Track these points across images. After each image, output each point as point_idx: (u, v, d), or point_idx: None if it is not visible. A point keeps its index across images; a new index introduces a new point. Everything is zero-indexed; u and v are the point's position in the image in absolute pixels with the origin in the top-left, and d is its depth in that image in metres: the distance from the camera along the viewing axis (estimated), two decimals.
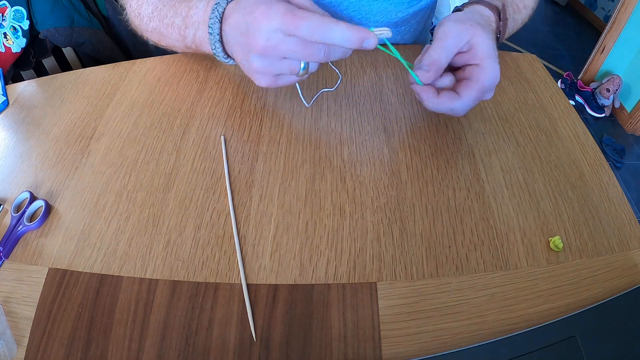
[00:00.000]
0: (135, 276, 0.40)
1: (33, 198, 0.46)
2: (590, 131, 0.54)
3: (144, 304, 0.38)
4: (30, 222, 0.43)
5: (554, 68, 2.49)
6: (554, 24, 2.93)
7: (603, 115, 2.12)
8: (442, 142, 0.52)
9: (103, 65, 0.63)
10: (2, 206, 0.46)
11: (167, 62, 0.63)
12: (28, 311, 0.38)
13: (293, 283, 0.40)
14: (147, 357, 0.35)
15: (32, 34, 0.89)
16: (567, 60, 2.56)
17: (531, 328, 0.36)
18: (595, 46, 2.22)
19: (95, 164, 0.49)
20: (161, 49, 0.61)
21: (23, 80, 0.87)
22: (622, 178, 1.85)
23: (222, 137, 0.52)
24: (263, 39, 0.39)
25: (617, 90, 2.07)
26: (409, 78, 0.46)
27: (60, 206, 0.46)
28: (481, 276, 0.40)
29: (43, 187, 0.47)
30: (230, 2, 0.44)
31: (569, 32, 2.85)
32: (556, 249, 0.42)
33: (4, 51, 0.84)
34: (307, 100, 0.56)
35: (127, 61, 0.63)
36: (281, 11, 0.38)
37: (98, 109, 0.56)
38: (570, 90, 2.22)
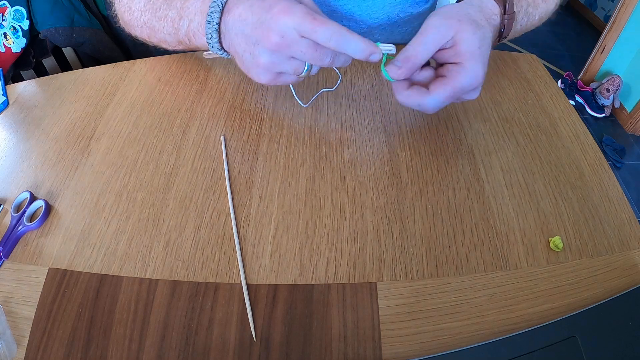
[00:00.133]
0: (135, 276, 0.40)
1: (33, 198, 0.46)
2: (590, 131, 0.54)
3: (144, 304, 0.38)
4: (30, 222, 0.43)
5: (554, 68, 2.49)
6: (554, 24, 2.92)
7: (603, 115, 2.12)
8: (442, 142, 0.52)
9: (103, 65, 0.63)
10: (2, 206, 0.46)
11: (167, 62, 0.63)
12: (28, 311, 0.38)
13: (293, 283, 0.40)
14: (147, 357, 0.35)
15: (32, 34, 0.89)
16: (567, 60, 2.56)
17: (531, 328, 0.36)
18: (595, 46, 2.22)
19: (95, 164, 0.49)
20: (161, 49, 0.61)
21: (23, 80, 0.87)
22: (622, 178, 1.85)
23: (222, 137, 0.52)
24: (278, 36, 0.38)
25: (617, 90, 2.07)
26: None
27: (60, 206, 0.46)
28: (481, 276, 0.40)
29: (43, 187, 0.47)
30: None
31: (569, 32, 2.85)
32: (556, 249, 0.42)
33: (4, 51, 0.84)
34: (304, 100, 0.56)
35: (127, 61, 0.63)
36: (302, 11, 0.38)
37: (98, 109, 0.56)
38: (570, 90, 2.22)
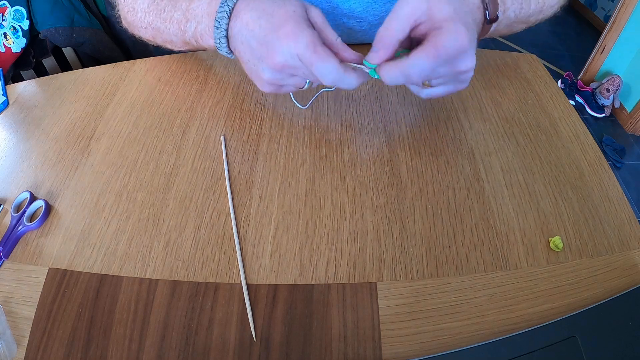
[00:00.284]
0: (135, 276, 0.40)
1: (33, 198, 0.46)
2: (590, 131, 0.54)
3: (144, 304, 0.38)
4: (30, 222, 0.43)
5: (554, 68, 2.49)
6: (554, 24, 2.93)
7: (603, 115, 2.12)
8: (442, 142, 0.52)
9: (103, 65, 0.63)
10: (2, 206, 0.46)
11: (167, 62, 0.63)
12: (28, 311, 0.38)
13: (293, 283, 0.40)
14: (147, 357, 0.35)
15: (32, 34, 0.89)
16: (567, 60, 2.56)
17: (531, 328, 0.36)
18: (595, 46, 2.22)
19: (95, 164, 0.49)
20: (162, 49, 0.61)
21: (23, 80, 0.87)
22: (622, 178, 1.85)
23: (222, 137, 0.52)
24: (282, 59, 0.39)
25: (617, 90, 2.07)
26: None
27: (60, 206, 0.46)
28: (481, 276, 0.40)
29: (43, 187, 0.47)
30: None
31: (569, 32, 2.85)
32: (556, 249, 0.42)
33: (4, 51, 0.84)
34: (304, 100, 0.56)
35: (127, 61, 0.63)
36: (307, 40, 0.38)
37: (98, 109, 0.56)
38: (570, 90, 2.22)
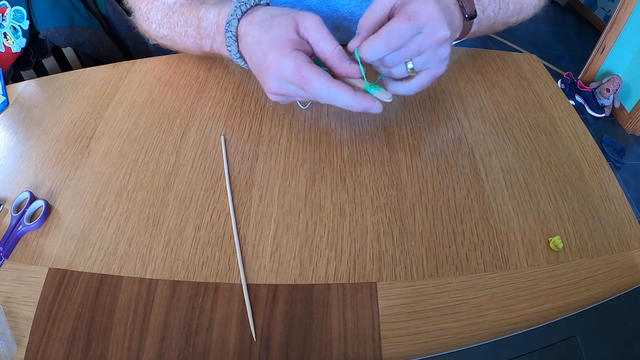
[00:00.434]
0: (135, 276, 0.40)
1: (33, 198, 0.46)
2: (590, 131, 0.54)
3: (144, 304, 0.38)
4: (30, 222, 0.43)
5: (554, 68, 2.49)
6: (554, 24, 2.93)
7: (603, 115, 2.12)
8: (442, 142, 0.52)
9: (103, 65, 0.63)
10: (2, 206, 0.46)
11: (167, 62, 0.63)
12: (28, 311, 0.38)
13: (293, 283, 0.40)
14: (147, 357, 0.35)
15: (32, 34, 0.89)
16: (567, 60, 2.56)
17: (531, 328, 0.36)
18: (595, 46, 2.22)
19: (95, 164, 0.49)
20: (161, 49, 0.61)
21: (23, 80, 0.87)
22: (622, 178, 1.85)
23: (222, 137, 0.52)
24: (275, 85, 0.42)
25: (617, 90, 2.07)
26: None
27: (60, 206, 0.46)
28: (481, 276, 0.40)
29: (43, 187, 0.47)
30: (241, 20, 0.44)
31: (569, 32, 2.85)
32: (556, 249, 0.42)
33: (4, 51, 0.84)
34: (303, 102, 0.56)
35: (127, 61, 0.63)
36: (290, 68, 0.39)
37: (98, 109, 0.56)
38: (570, 90, 2.22)
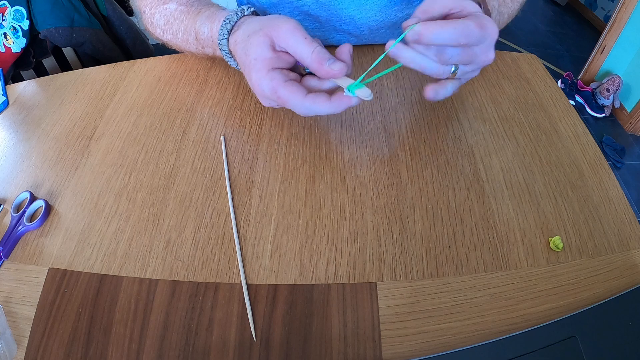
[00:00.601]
0: (135, 276, 0.40)
1: (33, 198, 0.46)
2: (590, 131, 0.54)
3: (144, 304, 0.38)
4: (30, 222, 0.43)
5: (554, 68, 2.49)
6: (554, 24, 2.93)
7: (603, 115, 2.12)
8: (442, 142, 0.52)
9: (103, 65, 0.63)
10: (2, 206, 0.46)
11: (167, 62, 0.63)
12: (28, 311, 0.38)
13: (293, 283, 0.39)
14: (147, 357, 0.35)
15: (32, 34, 0.89)
16: (567, 60, 2.56)
17: (531, 328, 0.36)
18: (595, 46, 2.22)
19: (95, 164, 0.49)
20: (161, 49, 0.61)
21: (23, 80, 0.87)
22: (622, 178, 1.85)
23: (222, 137, 0.52)
24: (264, 102, 0.44)
25: (617, 90, 2.07)
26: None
27: (60, 206, 0.46)
28: (481, 276, 0.40)
29: (43, 187, 0.47)
30: (229, 39, 0.47)
31: (569, 32, 2.85)
32: (556, 249, 0.42)
33: (4, 51, 0.84)
34: None
35: (127, 61, 0.63)
36: (268, 89, 0.41)
37: (98, 109, 0.56)
38: (570, 90, 2.21)
